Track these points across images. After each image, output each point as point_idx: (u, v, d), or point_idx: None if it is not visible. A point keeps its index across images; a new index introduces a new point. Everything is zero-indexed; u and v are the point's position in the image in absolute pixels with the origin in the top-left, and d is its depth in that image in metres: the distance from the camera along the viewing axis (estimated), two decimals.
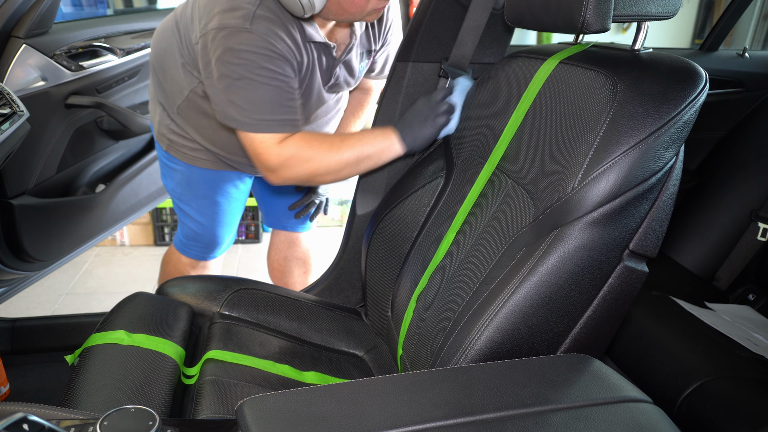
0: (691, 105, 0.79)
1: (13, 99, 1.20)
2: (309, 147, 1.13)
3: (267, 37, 1.08)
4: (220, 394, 0.96)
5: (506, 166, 0.98)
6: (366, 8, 1.11)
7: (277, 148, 1.12)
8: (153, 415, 0.60)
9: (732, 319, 1.52)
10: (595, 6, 0.78)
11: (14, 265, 1.47)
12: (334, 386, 0.66)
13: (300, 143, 1.13)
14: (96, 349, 1.00)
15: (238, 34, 1.07)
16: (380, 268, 1.24)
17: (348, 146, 1.12)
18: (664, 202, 0.82)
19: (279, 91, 1.11)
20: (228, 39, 1.08)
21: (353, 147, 1.12)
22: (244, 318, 1.21)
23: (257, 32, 1.07)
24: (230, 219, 1.58)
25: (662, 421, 0.65)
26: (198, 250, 1.61)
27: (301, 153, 1.12)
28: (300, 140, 1.13)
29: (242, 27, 1.07)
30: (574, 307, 0.82)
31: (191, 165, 1.44)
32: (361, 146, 1.13)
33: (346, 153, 1.12)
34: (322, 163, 1.13)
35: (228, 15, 1.08)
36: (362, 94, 1.56)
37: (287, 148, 1.12)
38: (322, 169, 1.14)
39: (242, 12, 1.08)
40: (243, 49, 1.07)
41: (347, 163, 1.13)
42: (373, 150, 1.13)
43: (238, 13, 1.08)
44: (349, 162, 1.13)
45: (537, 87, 0.95)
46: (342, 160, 1.13)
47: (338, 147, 1.13)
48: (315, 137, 1.15)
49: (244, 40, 1.07)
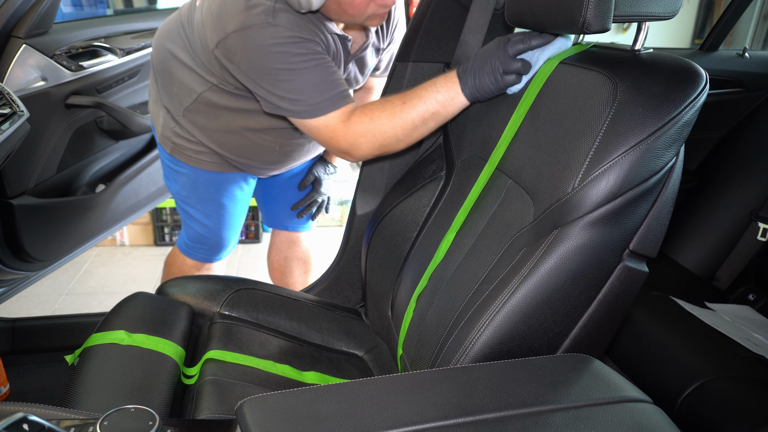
0: (692, 105, 0.79)
1: (13, 99, 1.20)
2: (372, 120, 1.08)
3: (292, 27, 1.07)
4: (220, 394, 0.96)
5: (506, 166, 0.98)
6: (365, 12, 1.10)
7: (343, 128, 1.09)
8: (153, 415, 0.60)
9: (732, 319, 1.52)
10: (596, 6, 0.79)
11: (14, 265, 1.47)
12: (334, 386, 0.66)
13: (363, 119, 1.08)
14: (96, 349, 1.00)
15: (264, 30, 1.06)
16: (380, 268, 1.24)
17: (411, 108, 1.05)
18: (665, 202, 0.82)
19: (320, 71, 1.09)
20: (255, 37, 1.07)
21: (416, 107, 1.05)
22: (244, 318, 1.21)
23: (281, 24, 1.07)
24: (236, 221, 1.58)
25: (662, 421, 0.65)
26: (203, 253, 1.61)
27: (367, 128, 1.08)
28: (362, 115, 1.09)
29: (266, 22, 1.06)
30: (574, 307, 0.82)
31: (196, 168, 1.44)
32: (424, 105, 1.05)
33: (411, 115, 1.06)
34: (390, 132, 1.08)
35: (247, 14, 1.07)
36: (364, 93, 1.56)
37: (353, 127, 1.09)
38: (391, 139, 1.09)
39: (262, 8, 1.07)
40: (272, 43, 1.06)
41: (414, 125, 1.07)
42: (438, 106, 1.06)
43: (258, 9, 1.07)
44: (416, 124, 1.07)
45: (537, 87, 0.95)
46: (408, 124, 1.07)
47: (401, 112, 1.06)
48: (377, 107, 1.09)
49: (271, 34, 1.06)
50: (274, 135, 1.36)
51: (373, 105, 1.10)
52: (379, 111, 1.08)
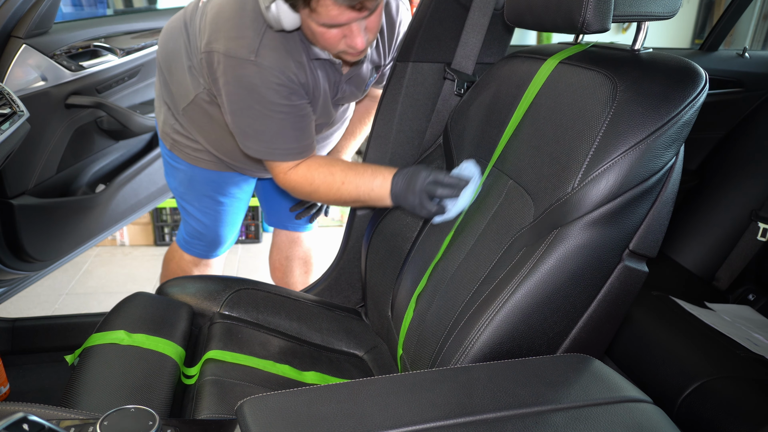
0: (691, 105, 0.79)
1: (13, 99, 1.20)
2: (310, 183, 1.18)
3: (273, 70, 1.09)
4: (220, 394, 0.96)
5: (506, 166, 0.98)
6: (336, 46, 1.07)
7: (283, 178, 1.20)
8: (153, 415, 0.60)
9: (732, 319, 1.52)
10: (595, 6, 0.78)
11: (14, 265, 1.47)
12: (334, 386, 0.66)
13: (302, 181, 1.19)
14: (96, 349, 1.00)
15: (245, 66, 1.08)
16: (380, 268, 1.24)
17: (346, 191, 1.16)
18: (664, 202, 0.82)
19: (286, 122, 1.13)
20: (235, 69, 1.09)
21: (350, 191, 1.16)
22: (244, 318, 1.21)
23: (262, 65, 1.08)
24: (233, 219, 1.58)
25: (662, 421, 0.65)
26: (201, 248, 1.62)
27: (303, 188, 1.20)
28: (303, 178, 1.18)
29: (248, 59, 1.08)
30: (574, 307, 0.82)
31: (194, 165, 1.44)
32: (357, 192, 1.16)
33: (344, 196, 1.17)
34: (321, 198, 1.21)
35: (233, 43, 1.09)
36: (370, 101, 1.55)
37: (291, 181, 1.20)
38: (322, 200, 1.22)
39: (247, 42, 1.08)
40: (250, 81, 1.09)
41: (343, 201, 1.20)
42: (368, 198, 1.16)
43: (244, 42, 1.08)
44: (345, 201, 1.19)
45: (537, 87, 0.95)
46: (338, 200, 1.20)
47: (337, 191, 1.17)
48: (319, 173, 1.17)
49: (251, 72, 1.08)
50: None
51: (319, 170, 1.18)
52: (320, 179, 1.18)
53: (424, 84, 1.32)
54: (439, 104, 1.33)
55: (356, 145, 1.60)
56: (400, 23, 1.31)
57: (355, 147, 1.60)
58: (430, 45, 1.28)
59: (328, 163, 1.19)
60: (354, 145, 1.59)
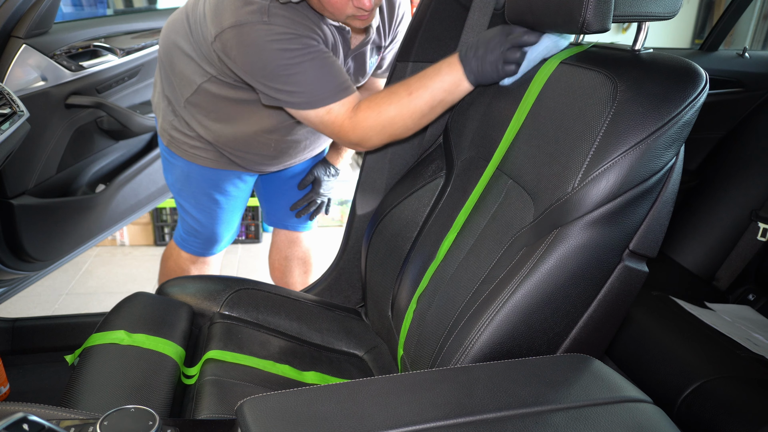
0: (692, 105, 0.79)
1: (13, 99, 1.20)
2: (380, 113, 1.09)
3: (287, 26, 1.08)
4: (220, 394, 0.96)
5: (507, 166, 0.98)
6: (344, 11, 1.07)
7: (351, 123, 1.11)
8: (153, 415, 0.60)
9: (732, 319, 1.52)
10: (596, 6, 0.79)
11: (14, 265, 1.47)
12: (334, 386, 0.66)
13: (370, 113, 1.09)
14: (96, 349, 1.00)
15: (258, 28, 1.07)
16: (380, 268, 1.24)
17: (418, 97, 1.06)
18: (664, 202, 0.82)
19: (317, 63, 1.10)
20: (249, 34, 1.08)
21: (422, 97, 1.06)
22: (244, 318, 1.21)
23: (276, 23, 1.07)
24: (229, 217, 1.58)
25: (662, 421, 0.65)
26: (197, 246, 1.62)
27: (376, 121, 1.10)
28: (369, 109, 1.09)
29: (260, 21, 1.07)
30: (574, 307, 0.82)
31: (190, 162, 1.45)
32: (430, 93, 1.06)
33: (418, 104, 1.07)
34: (399, 123, 1.09)
35: (242, 11, 1.08)
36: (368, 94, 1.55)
37: (361, 122, 1.10)
38: (400, 129, 1.11)
39: (257, 6, 1.08)
40: (267, 40, 1.07)
41: (422, 113, 1.08)
42: (443, 93, 1.07)
43: (253, 7, 1.08)
44: (424, 112, 1.08)
45: (538, 87, 0.95)
46: (416, 113, 1.08)
47: (408, 102, 1.07)
48: (383, 99, 1.09)
49: (266, 31, 1.07)
50: (271, 130, 1.36)
51: (380, 97, 1.10)
52: (386, 103, 1.09)
53: None
54: None
55: None
56: (399, 5, 1.31)
57: None
58: (430, 45, 1.28)
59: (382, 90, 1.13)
60: None
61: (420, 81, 1.07)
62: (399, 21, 1.34)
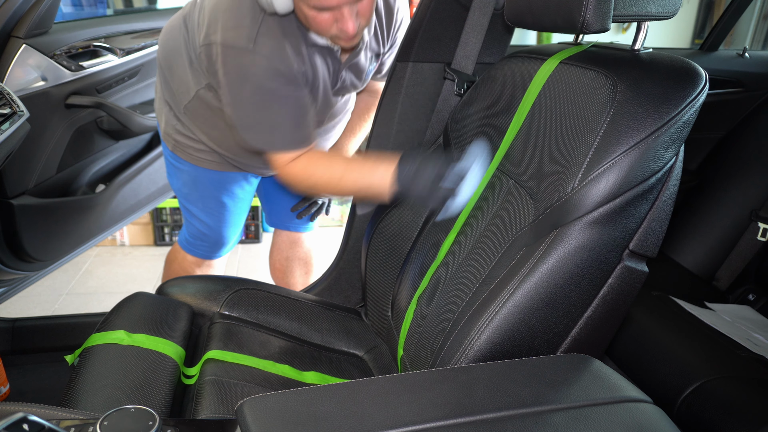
0: (691, 105, 0.79)
1: (13, 99, 1.20)
2: (310, 175, 1.16)
3: (271, 59, 1.09)
4: (220, 394, 0.96)
5: (507, 166, 0.98)
6: (329, 31, 1.08)
7: (284, 168, 1.18)
8: (153, 415, 0.60)
9: (732, 319, 1.52)
10: (595, 6, 0.78)
11: (14, 265, 1.47)
12: (334, 386, 0.66)
13: (302, 174, 1.17)
14: (96, 349, 1.00)
15: (243, 55, 1.09)
16: (380, 268, 1.24)
17: (347, 183, 1.13)
18: (664, 202, 0.82)
19: (285, 112, 1.12)
20: (233, 59, 1.10)
21: (350, 186, 1.14)
22: (244, 318, 1.21)
23: (261, 53, 1.08)
24: (236, 219, 1.59)
25: (662, 421, 0.65)
26: (204, 249, 1.62)
27: (303, 180, 1.18)
28: (305, 166, 1.16)
29: (246, 48, 1.08)
30: (574, 307, 0.82)
31: (197, 166, 1.44)
32: (357, 187, 1.13)
33: (344, 186, 1.15)
34: (320, 190, 1.20)
35: (231, 33, 1.09)
36: (370, 97, 1.55)
37: (291, 173, 1.17)
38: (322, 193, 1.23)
39: (245, 32, 1.08)
40: (248, 70, 1.09)
41: (343, 194, 1.21)
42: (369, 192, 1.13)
43: (241, 31, 1.09)
44: (347, 193, 1.19)
45: (538, 87, 0.95)
46: (340, 192, 1.19)
47: (338, 181, 1.15)
48: (320, 164, 1.16)
49: (249, 61, 1.09)
50: None
51: (317, 164, 1.16)
52: (320, 172, 1.16)
53: (424, 84, 1.32)
54: (439, 104, 1.33)
55: (357, 143, 1.60)
56: (398, 10, 1.31)
57: (355, 145, 1.60)
58: (430, 45, 1.28)
59: (327, 157, 1.19)
60: (355, 143, 1.59)
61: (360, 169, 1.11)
62: (398, 27, 1.34)
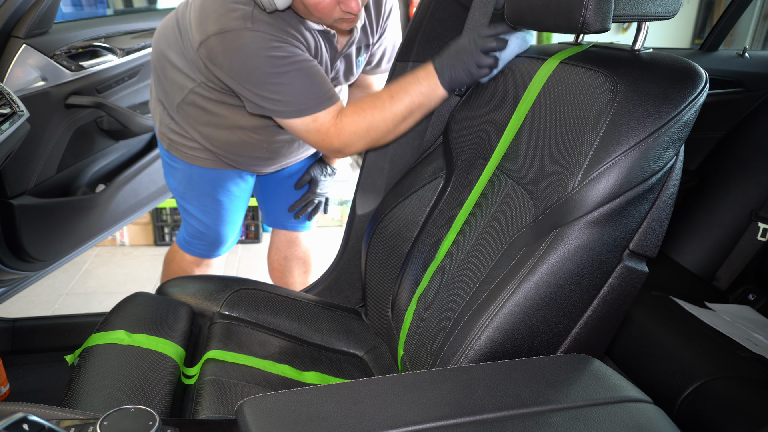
0: (691, 105, 0.79)
1: (13, 99, 1.20)
2: (364, 118, 1.12)
3: (270, 32, 1.08)
4: (220, 394, 0.96)
5: (507, 166, 0.98)
6: (332, 15, 1.09)
7: (335, 129, 1.13)
8: (153, 415, 0.60)
9: (732, 319, 1.52)
10: (595, 6, 0.78)
11: (14, 265, 1.47)
12: (334, 386, 0.66)
13: (354, 118, 1.13)
14: (96, 349, 1.00)
15: (243, 34, 1.08)
16: (380, 269, 1.24)
17: (399, 101, 1.11)
18: (664, 202, 0.82)
19: (302, 73, 1.11)
20: (234, 41, 1.09)
21: (403, 100, 1.11)
22: (244, 318, 1.21)
23: (260, 29, 1.08)
24: (233, 217, 1.59)
25: (662, 421, 0.65)
26: (202, 248, 1.62)
27: (360, 126, 1.13)
28: (353, 114, 1.13)
29: (244, 27, 1.08)
30: (574, 307, 0.82)
31: (192, 164, 1.45)
32: (410, 97, 1.11)
33: (399, 108, 1.11)
34: (381, 127, 1.14)
35: (225, 17, 1.09)
36: (360, 91, 1.56)
37: (345, 127, 1.13)
38: (382, 133, 1.15)
39: (240, 12, 1.08)
40: (253, 47, 1.08)
41: (403, 117, 1.13)
42: (422, 98, 1.11)
43: (236, 14, 1.08)
44: (404, 116, 1.13)
45: (538, 87, 0.95)
46: (397, 117, 1.13)
47: (390, 106, 1.11)
48: (366, 104, 1.13)
49: (250, 39, 1.08)
50: (261, 131, 1.37)
51: (362, 102, 1.14)
52: (369, 108, 1.13)
53: None
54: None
55: None
56: (386, 2, 1.32)
57: None
58: (430, 45, 1.28)
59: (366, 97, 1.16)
60: None
61: (400, 85, 1.12)
62: (386, 16, 1.34)
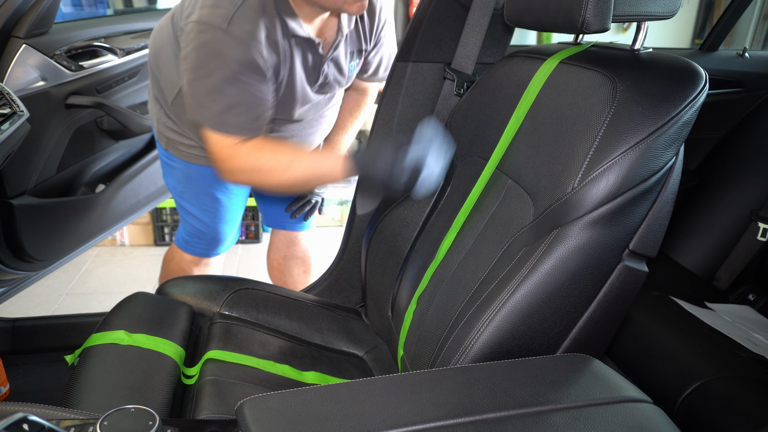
0: (691, 105, 0.79)
1: (13, 99, 1.20)
2: (256, 160, 1.12)
3: (242, 42, 1.08)
4: (220, 394, 0.96)
5: (506, 166, 0.98)
6: None
7: (228, 151, 1.12)
8: (153, 415, 0.60)
9: (732, 319, 1.52)
10: (595, 6, 0.78)
11: (14, 265, 1.47)
12: (334, 386, 0.66)
13: (251, 155, 1.11)
14: (96, 349, 1.00)
15: (214, 32, 1.08)
16: (380, 269, 1.24)
17: (297, 169, 1.10)
18: (664, 202, 0.82)
19: (241, 96, 1.11)
20: (203, 34, 1.08)
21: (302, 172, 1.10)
22: (244, 318, 1.21)
23: (233, 34, 1.07)
24: (231, 215, 1.59)
25: (662, 421, 0.65)
26: (201, 247, 1.62)
27: (250, 164, 1.12)
28: (252, 151, 1.11)
29: (219, 26, 1.08)
30: (574, 307, 0.82)
31: (189, 162, 1.45)
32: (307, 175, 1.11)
33: (293, 174, 1.11)
34: (267, 176, 1.13)
35: (207, 11, 1.09)
36: (358, 94, 1.56)
37: (237, 156, 1.12)
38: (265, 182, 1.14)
39: (222, 11, 1.08)
40: (215, 48, 1.08)
41: (292, 182, 1.13)
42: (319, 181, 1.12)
43: (219, 11, 1.08)
44: (293, 182, 1.13)
45: (537, 87, 0.95)
46: (288, 179, 1.12)
47: (286, 167, 1.11)
48: (267, 151, 1.12)
49: (219, 39, 1.08)
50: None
51: (269, 148, 1.12)
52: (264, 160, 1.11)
53: (424, 84, 1.32)
54: (439, 104, 1.33)
55: (349, 140, 1.60)
56: (381, 9, 1.32)
57: (348, 141, 1.60)
58: (430, 45, 1.28)
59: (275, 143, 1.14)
60: (347, 139, 1.59)
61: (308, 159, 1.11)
62: (381, 26, 1.35)
